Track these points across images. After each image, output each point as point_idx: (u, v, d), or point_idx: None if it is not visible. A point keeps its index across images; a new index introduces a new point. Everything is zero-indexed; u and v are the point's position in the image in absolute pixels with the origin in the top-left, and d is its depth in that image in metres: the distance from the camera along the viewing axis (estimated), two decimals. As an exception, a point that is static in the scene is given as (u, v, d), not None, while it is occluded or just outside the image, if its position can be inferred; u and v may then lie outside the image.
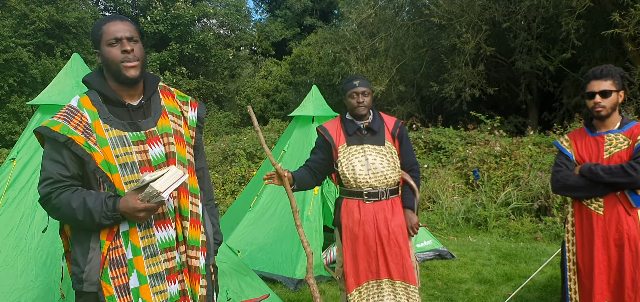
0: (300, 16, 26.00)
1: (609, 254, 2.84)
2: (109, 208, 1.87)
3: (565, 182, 2.92)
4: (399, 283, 3.10)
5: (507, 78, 14.08)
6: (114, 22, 1.99)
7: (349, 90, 3.14)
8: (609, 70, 2.83)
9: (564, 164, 2.98)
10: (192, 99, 2.23)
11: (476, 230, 7.49)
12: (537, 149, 9.32)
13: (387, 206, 3.13)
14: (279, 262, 5.26)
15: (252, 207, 5.98)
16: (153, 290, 1.95)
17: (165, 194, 1.84)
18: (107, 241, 1.92)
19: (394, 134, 3.21)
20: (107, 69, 2.01)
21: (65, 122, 1.92)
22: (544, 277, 4.94)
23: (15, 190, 3.55)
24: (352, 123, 3.19)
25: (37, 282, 3.28)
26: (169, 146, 2.04)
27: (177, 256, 2.03)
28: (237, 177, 11.69)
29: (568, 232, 3.02)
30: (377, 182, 3.10)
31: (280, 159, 6.11)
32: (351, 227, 3.13)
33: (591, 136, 2.95)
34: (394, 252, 3.09)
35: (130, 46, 1.98)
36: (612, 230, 2.82)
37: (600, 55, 11.83)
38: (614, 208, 2.83)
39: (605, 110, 2.83)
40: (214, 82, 23.53)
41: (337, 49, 14.98)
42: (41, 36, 18.55)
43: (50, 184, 1.92)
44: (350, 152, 3.15)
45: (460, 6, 11.95)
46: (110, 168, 1.92)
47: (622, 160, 2.80)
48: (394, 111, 14.34)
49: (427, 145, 10.80)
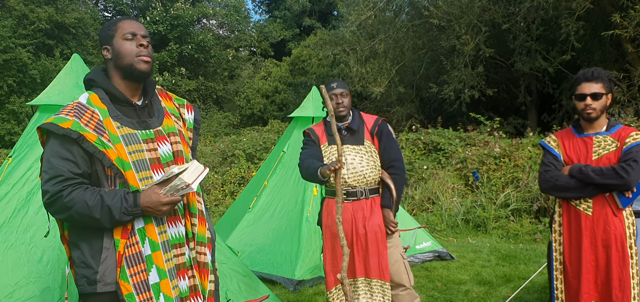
0: (299, 17, 26.03)
1: (597, 254, 2.87)
2: (129, 204, 1.87)
3: (555, 183, 2.93)
4: (375, 281, 3.15)
5: (507, 79, 14.09)
6: (130, 21, 2.04)
7: (328, 92, 3.19)
8: (599, 73, 2.86)
9: (552, 163, 2.98)
10: (187, 102, 2.27)
11: (475, 231, 7.49)
12: (537, 150, 9.33)
13: (366, 205, 3.18)
14: (279, 263, 5.26)
15: (252, 208, 5.98)
16: (171, 284, 1.97)
17: (194, 185, 1.89)
18: (122, 240, 1.90)
19: (372, 132, 3.25)
20: (118, 62, 2.01)
21: (76, 119, 1.90)
22: (544, 278, 4.94)
23: (9, 185, 3.53)
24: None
25: (30, 280, 3.24)
26: (176, 145, 2.07)
27: (187, 252, 2.06)
28: (237, 178, 11.69)
29: (555, 232, 3.04)
30: (355, 181, 3.16)
31: (280, 160, 6.12)
32: (330, 226, 3.20)
33: (579, 137, 2.97)
34: (371, 251, 3.14)
35: (146, 42, 2.02)
36: (600, 230, 2.85)
37: (600, 56, 11.85)
38: (602, 209, 2.85)
39: (595, 113, 2.86)
40: (213, 83, 23.55)
41: (336, 50, 14.99)
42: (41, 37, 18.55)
43: (61, 182, 1.87)
44: (331, 151, 3.23)
45: (459, 8, 11.96)
46: (124, 165, 1.91)
47: (610, 162, 2.83)
48: (394, 112, 14.35)
49: (426, 147, 10.81)
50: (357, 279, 3.18)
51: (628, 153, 2.79)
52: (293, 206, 5.63)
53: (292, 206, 5.65)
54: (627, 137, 2.85)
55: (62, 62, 18.17)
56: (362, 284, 3.18)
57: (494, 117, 11.66)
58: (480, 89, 12.63)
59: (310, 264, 5.16)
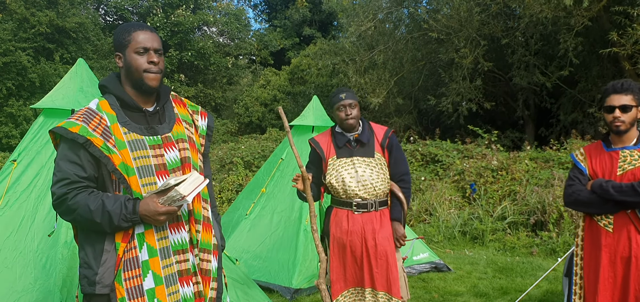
0: (299, 26, 26.13)
1: (615, 271, 2.80)
2: (129, 211, 1.90)
3: (577, 197, 2.87)
4: (382, 294, 3.14)
5: (505, 93, 14.18)
6: (144, 31, 2.04)
7: (336, 103, 3.19)
8: (630, 85, 2.79)
9: (577, 178, 2.92)
10: (201, 109, 2.29)
11: (472, 243, 7.52)
12: (534, 164, 9.38)
13: (376, 217, 3.16)
14: (276, 271, 5.26)
15: (249, 215, 5.98)
16: (167, 291, 1.99)
17: (190, 197, 1.90)
18: (122, 243, 1.93)
19: (383, 145, 3.24)
20: (128, 74, 2.05)
21: (84, 124, 1.95)
22: (540, 291, 4.97)
23: (17, 192, 3.55)
24: (342, 135, 3.23)
25: (36, 285, 3.26)
26: (184, 151, 2.09)
27: (191, 258, 2.07)
28: (235, 185, 11.69)
29: (578, 247, 2.99)
30: (366, 193, 3.14)
31: (278, 168, 6.13)
32: (339, 237, 3.18)
33: (606, 151, 2.89)
34: (380, 264, 3.13)
35: (157, 58, 2.04)
36: (620, 248, 2.78)
37: (598, 72, 11.95)
38: (623, 226, 2.78)
39: (624, 125, 2.77)
40: (212, 90, 23.56)
41: (336, 60, 15.06)
42: (41, 40, 18.55)
43: (66, 185, 1.93)
44: (340, 164, 3.19)
45: (458, 21, 12.05)
46: (128, 170, 1.95)
47: (635, 177, 2.74)
48: (392, 123, 14.40)
49: (424, 158, 10.84)
50: (364, 290, 3.16)
51: None
52: (290, 214, 5.64)
53: (289, 213, 5.66)
54: None
55: (62, 66, 18.17)
56: (369, 294, 3.15)
57: (491, 130, 11.72)
58: (477, 102, 12.70)
59: (308, 272, 5.17)
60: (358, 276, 3.17)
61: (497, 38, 12.20)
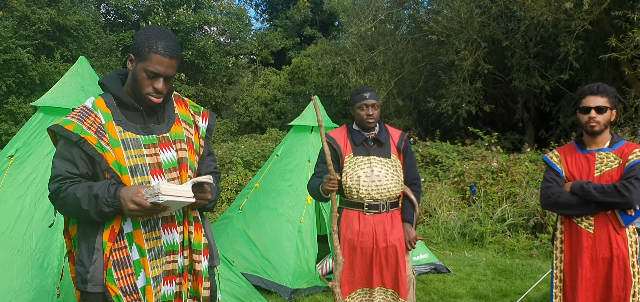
0: (300, 26, 26.13)
1: (597, 272, 2.84)
2: (110, 194, 1.89)
3: (557, 200, 2.88)
4: (391, 292, 3.15)
5: (505, 95, 14.18)
6: (163, 57, 1.97)
7: (358, 102, 3.16)
8: (605, 88, 2.85)
9: (554, 180, 2.94)
10: (204, 110, 2.28)
11: (472, 245, 7.51)
12: (534, 166, 9.37)
13: (387, 218, 3.14)
14: (274, 272, 5.24)
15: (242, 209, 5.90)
16: (154, 290, 2.00)
17: (162, 197, 1.83)
18: (109, 243, 1.94)
19: (399, 147, 3.23)
20: (133, 83, 2.04)
21: (79, 122, 1.97)
22: (539, 294, 4.97)
23: (13, 188, 3.50)
24: (359, 134, 3.21)
25: (33, 284, 3.23)
26: (181, 152, 2.09)
27: (180, 259, 2.07)
28: (234, 185, 11.67)
29: (557, 249, 3.01)
30: (379, 194, 3.12)
31: (273, 164, 6.09)
32: (350, 238, 3.15)
33: (581, 153, 2.93)
34: (390, 265, 3.12)
35: (163, 86, 2.01)
36: (601, 248, 2.82)
37: (597, 76, 11.94)
38: (604, 227, 2.82)
39: (599, 126, 2.82)
40: (212, 89, 23.55)
41: (336, 60, 15.05)
42: (41, 38, 18.52)
43: (59, 181, 1.96)
44: (356, 162, 3.16)
45: (459, 23, 12.05)
46: (121, 169, 1.96)
47: (612, 179, 2.79)
48: (392, 124, 14.36)
49: (424, 159, 10.84)
50: (373, 290, 3.15)
51: (631, 170, 2.76)
52: (288, 214, 5.59)
53: (287, 213, 5.62)
54: (630, 154, 2.81)
55: (63, 64, 18.14)
56: (378, 293, 3.15)
57: (491, 132, 11.72)
58: (477, 104, 12.70)
59: (306, 272, 5.16)
60: (367, 277, 3.15)
61: (498, 40, 12.19)
